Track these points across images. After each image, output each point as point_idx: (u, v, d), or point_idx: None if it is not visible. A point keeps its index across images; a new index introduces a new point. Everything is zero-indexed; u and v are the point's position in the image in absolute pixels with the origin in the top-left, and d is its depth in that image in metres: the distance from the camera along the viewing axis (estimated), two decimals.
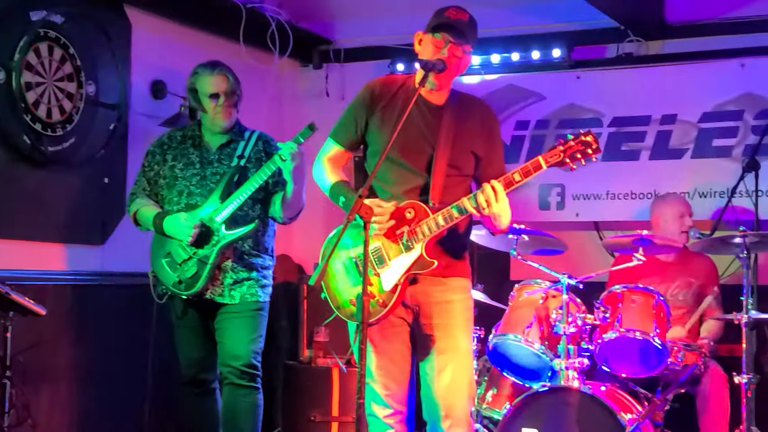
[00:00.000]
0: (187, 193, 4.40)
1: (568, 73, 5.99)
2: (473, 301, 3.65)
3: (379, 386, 3.52)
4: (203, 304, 4.38)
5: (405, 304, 3.52)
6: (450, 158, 3.49)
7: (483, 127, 3.60)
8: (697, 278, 5.15)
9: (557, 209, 5.95)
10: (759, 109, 5.46)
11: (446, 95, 3.58)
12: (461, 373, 3.51)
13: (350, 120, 3.61)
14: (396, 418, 3.54)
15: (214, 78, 4.39)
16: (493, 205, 3.30)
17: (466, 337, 3.56)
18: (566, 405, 4.21)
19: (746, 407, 4.30)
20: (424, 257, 3.40)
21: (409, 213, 3.43)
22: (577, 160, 3.33)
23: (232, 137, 4.45)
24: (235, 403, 4.38)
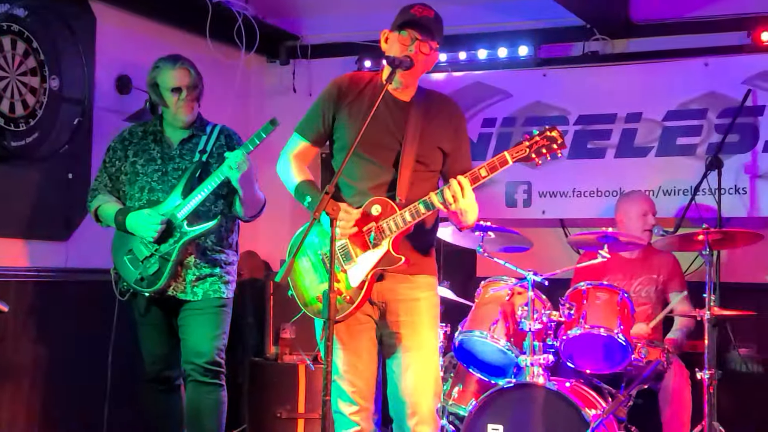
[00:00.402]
0: (149, 189, 4.37)
1: (534, 71, 6.02)
2: (440, 299, 3.66)
3: (346, 383, 3.51)
4: (166, 301, 4.35)
5: (372, 302, 3.52)
6: (417, 154, 3.49)
7: (450, 124, 3.60)
8: (661, 275, 5.20)
9: (524, 206, 5.98)
10: (722, 108, 5.51)
11: (413, 92, 3.59)
12: (427, 371, 3.51)
13: (317, 115, 3.60)
14: (362, 415, 3.53)
15: (176, 72, 4.36)
16: (460, 201, 3.30)
17: (433, 335, 3.56)
18: (531, 401, 4.24)
19: (708, 403, 4.35)
20: (391, 254, 3.40)
21: (375, 209, 3.42)
22: (543, 155, 3.35)
23: (193, 132, 4.43)
24: (199, 401, 4.36)
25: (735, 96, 5.43)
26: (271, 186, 4.39)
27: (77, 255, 5.10)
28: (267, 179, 4.42)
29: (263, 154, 4.54)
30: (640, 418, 4.81)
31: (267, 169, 4.38)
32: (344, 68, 6.35)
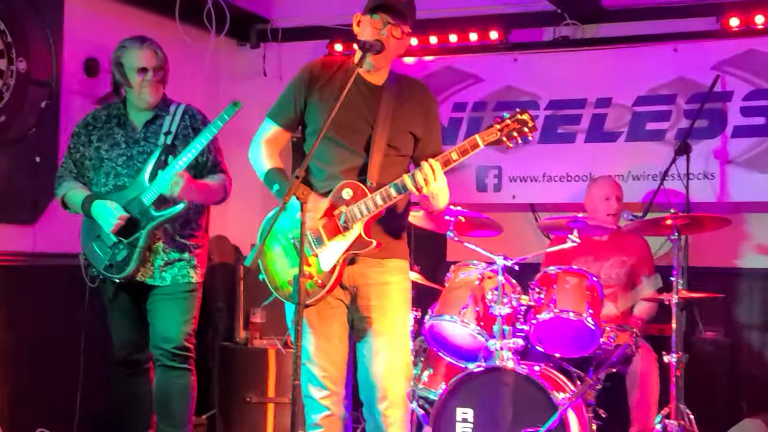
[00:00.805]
0: (114, 174, 4.33)
1: (505, 56, 6.02)
2: (410, 282, 3.67)
3: (317, 368, 3.52)
4: (134, 287, 4.33)
5: (343, 286, 3.52)
6: (389, 138, 3.49)
7: (421, 108, 3.61)
8: (631, 257, 5.25)
9: (494, 191, 5.99)
10: (691, 94, 5.55)
11: (385, 76, 3.59)
12: (398, 355, 3.52)
13: (289, 99, 3.59)
14: (333, 400, 3.54)
15: (143, 52, 4.32)
16: (432, 184, 3.31)
17: (404, 319, 3.57)
18: (501, 385, 4.26)
19: (675, 386, 4.39)
20: (362, 237, 3.40)
21: (347, 193, 3.42)
22: (514, 138, 3.36)
23: (157, 113, 4.39)
24: (168, 385, 4.36)
25: (704, 81, 5.46)
26: (242, 171, 4.36)
27: (45, 239, 5.06)
28: (238, 164, 4.40)
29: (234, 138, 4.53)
30: (609, 402, 4.85)
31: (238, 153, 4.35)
32: (315, 52, 6.33)
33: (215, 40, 6.08)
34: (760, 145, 5.39)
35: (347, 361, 3.60)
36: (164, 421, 4.41)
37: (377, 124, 3.49)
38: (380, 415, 3.50)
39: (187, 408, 4.41)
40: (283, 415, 5.25)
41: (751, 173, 5.40)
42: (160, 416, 4.43)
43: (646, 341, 4.96)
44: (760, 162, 5.38)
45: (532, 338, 4.54)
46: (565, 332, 4.55)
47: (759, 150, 5.39)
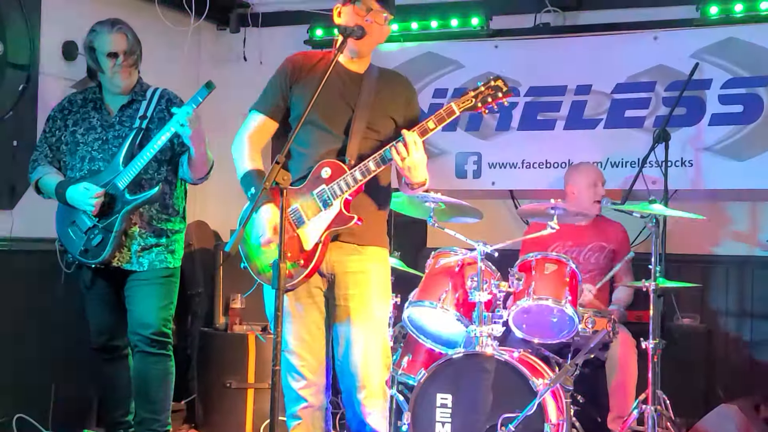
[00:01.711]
0: (89, 158, 4.31)
1: (486, 42, 6.02)
2: (390, 270, 3.67)
3: (295, 357, 3.52)
4: (111, 272, 4.31)
5: (321, 273, 3.52)
6: (369, 121, 3.50)
7: (402, 97, 3.63)
8: (610, 243, 5.28)
9: (474, 177, 6.00)
10: (670, 81, 5.57)
11: (366, 64, 3.60)
12: (375, 344, 3.52)
13: (274, 88, 3.60)
14: (311, 390, 3.54)
15: (113, 36, 4.28)
16: (412, 153, 3.30)
17: (382, 307, 3.57)
18: (480, 370, 4.28)
19: (652, 372, 4.43)
20: (343, 213, 3.41)
21: (325, 172, 3.43)
22: (489, 104, 3.38)
23: (133, 97, 4.36)
24: (146, 371, 4.35)
25: (683, 69, 5.48)
26: (221, 156, 4.35)
27: (23, 224, 5.01)
28: (218, 149, 4.38)
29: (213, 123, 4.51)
30: (587, 387, 4.89)
31: (218, 138, 4.34)
32: (295, 37, 6.31)
33: (195, 25, 6.03)
34: (737, 133, 5.43)
35: (326, 350, 3.60)
36: (143, 407, 4.40)
37: (357, 107, 3.51)
38: (359, 405, 3.50)
39: (165, 394, 4.41)
40: (263, 400, 5.25)
41: (729, 161, 5.43)
42: (139, 402, 4.42)
43: (624, 327, 5.00)
44: (738, 150, 5.42)
45: (512, 324, 4.56)
46: (544, 318, 4.58)
47: (736, 138, 5.43)
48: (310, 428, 3.57)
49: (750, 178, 5.40)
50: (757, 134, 5.37)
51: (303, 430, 3.56)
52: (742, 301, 5.67)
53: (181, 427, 5.50)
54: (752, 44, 5.41)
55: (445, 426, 4.29)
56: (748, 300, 5.65)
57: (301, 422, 3.56)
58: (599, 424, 5.00)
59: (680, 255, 5.61)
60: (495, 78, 3.41)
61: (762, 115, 5.37)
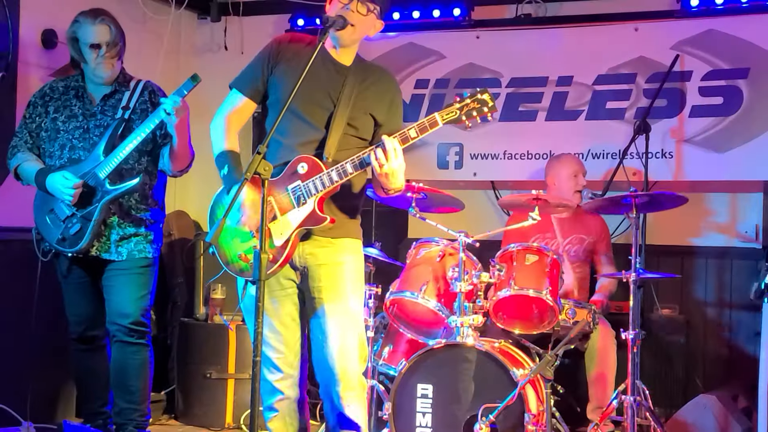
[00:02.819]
0: (70, 146, 4.28)
1: (468, 33, 6.01)
2: (364, 262, 3.64)
3: (270, 350, 3.50)
4: (89, 261, 4.28)
5: (294, 266, 3.50)
6: (349, 117, 3.48)
7: (386, 95, 3.59)
8: (590, 235, 5.30)
9: (455, 168, 6.00)
10: (651, 73, 5.58)
11: (353, 57, 3.58)
12: (351, 336, 3.50)
13: (256, 69, 3.56)
14: (287, 383, 3.53)
15: (96, 28, 4.25)
16: (392, 160, 3.29)
17: (356, 299, 3.55)
18: (461, 361, 4.29)
19: (632, 362, 4.45)
20: (316, 212, 3.38)
21: (302, 168, 3.40)
22: (473, 118, 3.36)
23: (116, 87, 4.33)
24: (125, 361, 4.34)
25: (663, 61, 5.50)
26: (202, 146, 4.32)
27: (2, 213, 4.98)
28: (198, 139, 4.35)
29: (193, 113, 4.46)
30: (567, 378, 4.92)
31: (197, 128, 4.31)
32: (277, 26, 6.29)
33: (175, 14, 6.00)
34: (717, 125, 5.45)
35: (301, 342, 3.59)
36: (121, 397, 4.38)
37: (340, 101, 3.48)
38: (337, 397, 3.49)
39: (144, 384, 4.39)
40: (243, 391, 5.25)
41: (708, 152, 5.46)
42: (117, 392, 4.40)
43: (604, 318, 5.02)
44: (717, 141, 5.44)
45: (492, 315, 4.57)
46: (525, 309, 4.59)
47: (716, 130, 5.45)
48: (286, 420, 3.57)
49: (729, 170, 5.43)
50: (736, 126, 5.40)
51: (279, 422, 3.57)
52: (721, 291, 5.70)
53: (161, 417, 5.49)
54: (732, 36, 5.43)
55: (425, 416, 4.30)
56: (726, 291, 5.69)
57: (277, 414, 3.55)
58: (579, 414, 5.04)
59: (660, 246, 5.65)
60: (482, 91, 3.37)
61: (741, 107, 5.39)
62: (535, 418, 4.22)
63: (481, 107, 3.36)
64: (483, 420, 4.14)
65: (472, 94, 3.37)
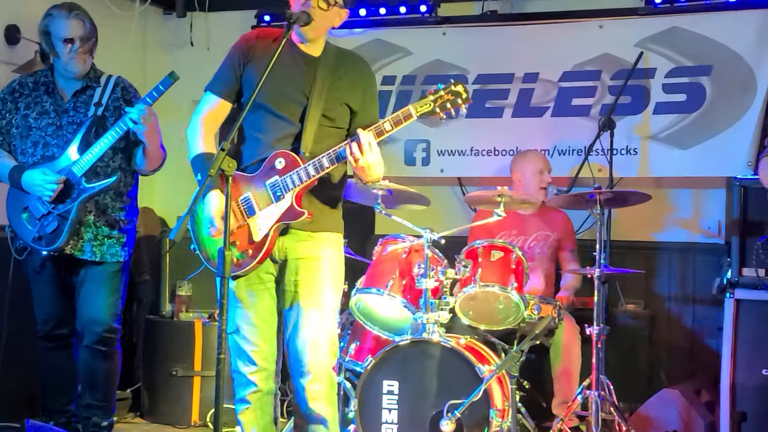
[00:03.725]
0: (43, 144, 4.24)
1: (434, 29, 6.02)
2: (343, 255, 3.65)
3: (246, 343, 3.51)
4: (63, 259, 4.25)
5: (273, 259, 3.51)
6: (324, 108, 3.48)
7: (359, 83, 3.59)
8: (554, 232, 5.33)
9: (422, 165, 6.01)
10: (616, 70, 5.62)
11: (322, 47, 3.57)
12: (322, 330, 3.51)
13: (228, 69, 3.57)
14: (261, 375, 3.54)
15: (70, 22, 4.21)
16: (367, 154, 3.29)
17: (332, 294, 3.56)
18: (427, 357, 4.30)
19: (596, 357, 4.49)
20: (294, 207, 3.39)
21: (279, 163, 3.41)
22: (447, 110, 3.35)
23: (87, 83, 4.30)
24: (93, 364, 4.34)
25: (628, 58, 5.54)
26: (168, 142, 4.31)
27: None
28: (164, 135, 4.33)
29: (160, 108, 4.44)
30: (532, 373, 4.94)
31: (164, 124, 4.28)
32: (243, 21, 6.26)
33: (140, 9, 5.96)
34: (681, 122, 5.50)
35: (278, 335, 3.59)
36: (89, 394, 4.39)
37: (313, 94, 3.48)
38: (303, 390, 3.50)
39: (111, 386, 4.41)
40: (210, 388, 5.23)
41: (672, 149, 5.50)
42: (85, 389, 4.41)
43: (569, 314, 5.05)
44: (681, 138, 5.49)
45: (458, 311, 4.59)
46: (491, 305, 4.61)
47: (679, 126, 5.49)
48: (258, 413, 3.57)
49: (692, 166, 5.48)
50: (699, 123, 5.45)
51: (251, 414, 3.57)
52: (685, 287, 5.76)
53: (126, 415, 5.46)
54: (696, 34, 5.48)
55: (391, 413, 4.30)
56: (690, 286, 5.74)
57: (249, 407, 3.56)
58: (544, 409, 5.06)
59: (624, 242, 5.69)
60: (455, 83, 3.37)
61: (704, 104, 5.44)
62: (501, 414, 4.24)
63: (455, 99, 3.36)
64: (448, 416, 4.15)
65: (446, 86, 3.37)
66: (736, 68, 5.36)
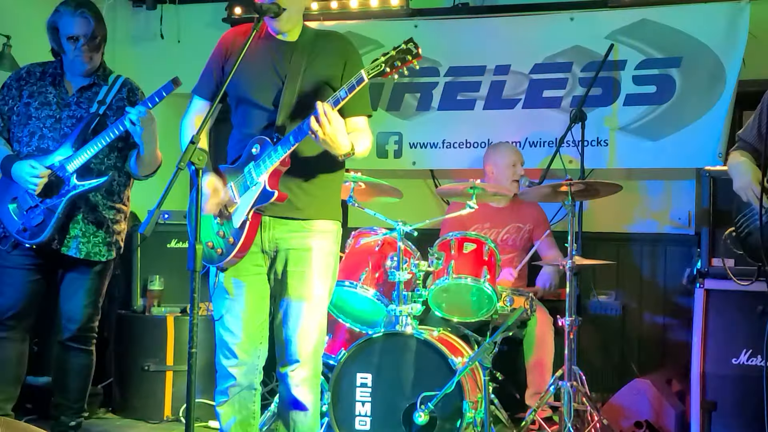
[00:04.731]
0: (39, 135, 4.18)
1: (406, 22, 6.02)
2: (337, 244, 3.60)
3: (229, 334, 3.51)
4: (45, 253, 4.19)
5: (264, 251, 3.49)
6: (300, 92, 3.45)
7: (339, 59, 3.53)
8: (527, 224, 5.35)
9: (395, 157, 6.01)
10: (586, 62, 5.65)
11: (298, 30, 3.55)
12: (311, 320, 3.50)
13: (209, 72, 3.59)
14: (242, 369, 3.53)
15: (75, 20, 4.15)
16: (325, 125, 3.23)
17: (323, 284, 3.53)
18: (400, 349, 4.31)
19: (568, 348, 4.51)
20: (266, 188, 3.37)
21: (255, 149, 3.41)
22: (398, 68, 3.26)
23: (95, 80, 4.25)
24: (66, 361, 4.32)
25: (598, 50, 5.57)
26: None
27: None
28: None
29: None
30: (506, 364, 4.97)
31: None
32: (214, 14, 6.22)
33: (110, 1, 5.90)
34: (651, 113, 5.53)
35: (266, 330, 3.57)
36: (59, 394, 4.37)
37: (288, 77, 3.46)
38: (288, 376, 3.50)
39: (83, 384, 4.38)
40: (182, 383, 5.20)
41: (642, 140, 5.54)
42: (56, 388, 4.39)
43: (542, 305, 5.08)
44: (651, 130, 5.53)
45: (431, 303, 4.59)
46: (463, 297, 4.62)
47: (650, 118, 5.53)
48: (235, 407, 3.56)
49: (663, 158, 5.52)
50: (669, 114, 5.49)
51: (227, 407, 3.56)
52: (656, 277, 5.80)
53: (98, 410, 5.42)
54: (665, 26, 5.51)
55: (365, 405, 4.31)
56: (661, 276, 5.79)
57: (227, 400, 3.55)
58: (517, 400, 5.09)
59: (596, 233, 5.73)
60: (407, 41, 3.30)
61: (674, 95, 5.48)
62: (474, 406, 4.25)
63: (405, 56, 3.27)
64: (422, 408, 4.16)
65: (397, 45, 3.30)
66: (705, 60, 5.40)
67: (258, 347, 3.56)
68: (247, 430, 3.59)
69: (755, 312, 4.04)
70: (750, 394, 4.15)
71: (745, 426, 4.23)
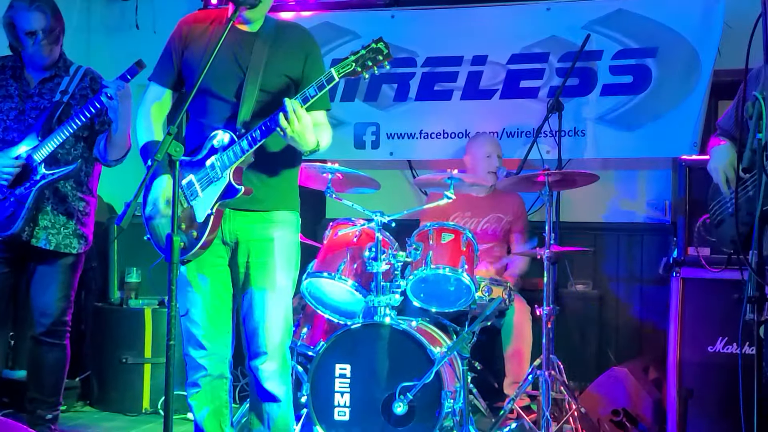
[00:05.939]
0: (3, 128, 4.16)
1: (383, 12, 6.01)
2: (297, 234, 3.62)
3: (196, 327, 3.50)
4: (15, 245, 4.16)
5: (224, 242, 3.48)
6: (262, 82, 3.44)
7: (300, 51, 3.53)
8: (507, 214, 5.37)
9: (372, 148, 6.01)
10: (563, 52, 5.66)
11: (261, 22, 3.53)
12: (276, 312, 3.50)
13: (167, 58, 3.55)
14: (212, 359, 3.52)
15: (30, 15, 4.12)
16: (294, 123, 3.23)
17: (286, 275, 3.54)
18: (379, 340, 4.31)
19: (546, 337, 4.53)
20: (231, 184, 3.36)
21: (218, 142, 3.38)
22: (369, 68, 3.28)
23: (56, 72, 4.23)
24: (40, 356, 4.31)
25: (575, 40, 5.58)
26: None
27: None
28: None
29: None
30: (484, 354, 4.99)
31: None
32: (190, 4, 6.18)
33: None
34: (627, 103, 5.56)
35: (230, 320, 3.57)
36: (34, 388, 4.36)
37: (249, 69, 3.44)
38: (257, 369, 3.50)
39: (57, 379, 4.36)
40: (160, 375, 5.19)
41: (619, 130, 5.56)
42: (31, 383, 4.37)
43: (520, 295, 5.10)
44: (627, 119, 5.56)
45: (410, 294, 4.60)
46: (442, 287, 4.63)
47: (626, 108, 5.56)
48: (208, 396, 3.56)
49: (639, 147, 5.55)
50: (645, 104, 5.52)
51: (201, 398, 3.55)
52: (632, 266, 5.84)
53: (76, 404, 5.39)
54: (641, 16, 5.54)
55: (344, 396, 4.31)
56: (637, 265, 5.82)
57: (199, 390, 3.55)
58: (496, 389, 5.11)
59: (573, 223, 5.75)
60: (377, 40, 3.30)
61: (650, 85, 5.51)
62: (453, 395, 4.26)
63: (376, 56, 3.28)
64: (401, 398, 4.17)
65: (367, 45, 3.30)
66: (681, 50, 5.43)
67: (225, 336, 3.55)
68: (220, 419, 3.59)
69: (731, 300, 4.07)
70: (726, 382, 4.18)
71: (721, 413, 4.27)
